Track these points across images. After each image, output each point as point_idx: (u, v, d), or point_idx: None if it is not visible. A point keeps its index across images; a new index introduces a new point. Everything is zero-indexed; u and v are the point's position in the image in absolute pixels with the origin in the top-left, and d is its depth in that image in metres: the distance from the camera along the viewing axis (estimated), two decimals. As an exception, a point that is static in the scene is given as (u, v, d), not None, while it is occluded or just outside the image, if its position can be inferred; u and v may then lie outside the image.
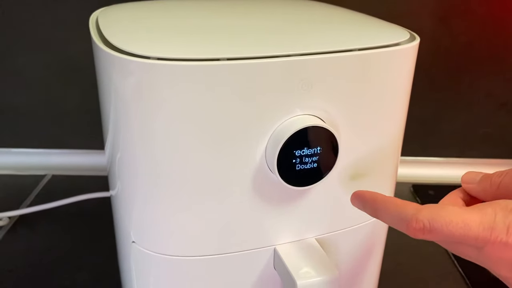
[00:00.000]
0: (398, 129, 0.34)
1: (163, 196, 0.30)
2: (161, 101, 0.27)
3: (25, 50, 0.65)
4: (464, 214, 0.23)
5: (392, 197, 0.27)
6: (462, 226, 0.22)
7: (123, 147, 0.30)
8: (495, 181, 0.26)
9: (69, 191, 0.62)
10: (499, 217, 0.22)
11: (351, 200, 0.30)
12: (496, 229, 0.22)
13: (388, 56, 0.30)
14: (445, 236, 0.23)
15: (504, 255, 0.22)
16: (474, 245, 0.23)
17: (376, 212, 0.27)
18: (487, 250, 0.22)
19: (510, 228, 0.21)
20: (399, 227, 0.25)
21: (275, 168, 0.29)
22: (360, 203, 0.29)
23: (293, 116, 0.29)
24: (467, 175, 0.28)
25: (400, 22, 0.36)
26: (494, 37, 0.65)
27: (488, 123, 0.71)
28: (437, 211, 0.23)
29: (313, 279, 0.30)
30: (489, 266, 0.24)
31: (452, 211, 0.23)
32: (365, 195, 0.29)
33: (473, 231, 0.22)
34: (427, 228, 0.23)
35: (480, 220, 0.22)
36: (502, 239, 0.22)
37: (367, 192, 0.29)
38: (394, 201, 0.26)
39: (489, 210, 0.22)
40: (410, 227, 0.24)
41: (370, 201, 0.28)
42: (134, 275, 0.35)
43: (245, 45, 0.29)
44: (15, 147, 0.72)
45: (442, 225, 0.23)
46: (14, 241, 0.56)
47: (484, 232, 0.22)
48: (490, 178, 0.27)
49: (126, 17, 0.36)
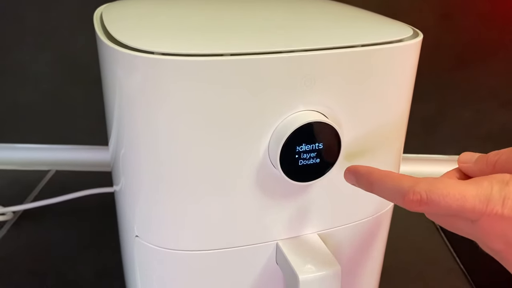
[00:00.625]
0: (401, 126, 0.34)
1: (166, 191, 0.30)
2: (165, 96, 0.27)
3: (29, 46, 0.65)
4: (461, 186, 0.22)
5: (387, 171, 0.26)
6: (459, 198, 0.22)
7: (127, 143, 0.31)
8: (491, 160, 0.26)
9: (72, 186, 0.62)
10: (495, 189, 0.22)
11: (345, 175, 0.30)
12: (492, 200, 0.22)
13: (391, 53, 0.31)
14: (442, 208, 0.23)
15: (499, 227, 0.22)
16: (470, 218, 0.23)
17: (371, 186, 0.27)
18: (482, 223, 0.22)
19: (506, 200, 0.21)
20: (396, 200, 0.25)
21: (278, 164, 0.29)
22: (354, 178, 0.29)
23: (296, 112, 0.29)
24: (463, 155, 0.28)
25: (403, 19, 0.36)
26: (497, 34, 0.65)
27: (491, 120, 0.71)
28: (435, 183, 0.23)
29: (315, 273, 0.31)
30: (482, 240, 0.23)
31: (449, 183, 0.23)
32: (359, 169, 0.28)
33: (470, 202, 0.22)
34: (424, 200, 0.23)
35: (477, 192, 0.22)
36: (497, 211, 0.22)
37: (361, 166, 0.29)
38: (390, 174, 0.26)
39: (485, 182, 0.22)
40: (407, 199, 0.24)
41: (366, 175, 0.27)
42: (137, 269, 0.35)
43: (249, 40, 0.29)
44: (20, 143, 0.72)
45: (439, 196, 0.23)
46: (18, 235, 0.56)
47: (480, 204, 0.22)
48: (486, 158, 0.26)
49: (131, 13, 0.36)
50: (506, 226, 0.22)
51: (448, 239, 0.58)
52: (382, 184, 0.26)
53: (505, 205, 0.21)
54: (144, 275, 0.35)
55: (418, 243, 0.57)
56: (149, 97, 0.27)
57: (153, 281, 0.35)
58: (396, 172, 0.26)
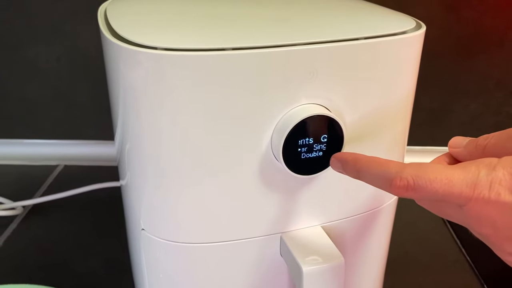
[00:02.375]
0: (405, 118, 0.34)
1: (171, 185, 0.30)
2: (168, 91, 0.27)
3: (37, 41, 0.66)
4: (448, 171, 0.22)
5: (374, 157, 0.26)
6: (446, 182, 0.22)
7: (131, 138, 0.31)
8: (480, 144, 0.26)
9: (80, 181, 0.63)
10: (482, 174, 0.21)
11: (331, 163, 0.29)
12: (479, 185, 0.21)
13: (394, 45, 0.30)
14: (429, 193, 0.22)
15: (486, 212, 0.22)
16: (457, 203, 0.22)
17: (358, 173, 0.27)
18: (470, 207, 0.22)
19: (492, 184, 0.21)
20: (383, 186, 0.24)
21: (281, 157, 0.29)
22: (340, 165, 0.28)
23: (298, 105, 0.29)
24: (453, 139, 0.28)
25: (409, 10, 0.36)
26: (504, 25, 0.64)
27: (498, 111, 0.70)
28: (422, 168, 0.23)
29: (319, 265, 0.31)
30: (471, 225, 0.23)
31: (436, 168, 0.23)
32: (346, 156, 0.28)
33: (457, 187, 0.22)
34: (411, 186, 0.23)
35: (464, 177, 0.22)
36: (484, 195, 0.21)
37: (347, 153, 0.28)
38: (377, 159, 0.25)
39: (473, 167, 0.22)
40: (394, 185, 0.23)
41: (352, 162, 0.27)
42: (144, 262, 0.36)
43: (251, 35, 0.29)
44: (28, 138, 0.73)
45: (426, 182, 0.22)
46: (28, 229, 0.57)
47: (467, 188, 0.22)
48: (476, 142, 0.26)
49: (134, 9, 0.36)
50: (493, 211, 0.21)
51: (454, 231, 0.58)
52: (369, 171, 0.26)
53: (492, 189, 0.21)
54: (151, 268, 0.36)
55: (424, 235, 0.57)
56: (153, 92, 0.28)
57: (159, 274, 0.35)
58: (382, 158, 0.25)
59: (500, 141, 0.25)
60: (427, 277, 0.51)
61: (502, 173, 0.21)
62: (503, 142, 0.25)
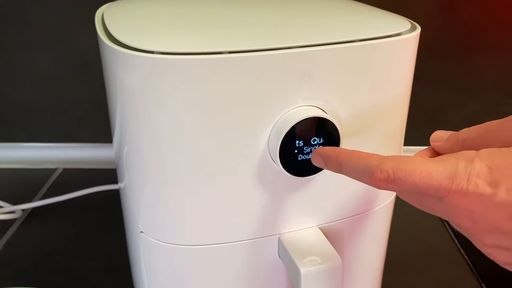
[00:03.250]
0: (401, 118, 0.35)
1: (170, 187, 0.31)
2: (165, 95, 0.28)
3: (36, 45, 0.66)
4: (427, 163, 0.23)
5: (355, 150, 0.26)
6: (425, 175, 0.22)
7: (130, 141, 0.31)
8: (461, 138, 0.26)
9: (79, 184, 0.63)
10: (460, 166, 0.22)
11: (312, 158, 0.29)
12: (457, 177, 0.22)
13: (389, 47, 0.31)
14: (409, 185, 0.23)
15: (465, 204, 0.22)
16: (436, 195, 0.23)
17: (340, 168, 0.27)
18: (449, 200, 0.22)
19: (470, 176, 0.21)
20: (364, 179, 0.25)
21: (278, 159, 0.29)
22: (322, 160, 0.28)
23: (295, 107, 0.29)
24: (435, 133, 0.28)
25: (406, 11, 0.36)
26: (501, 25, 0.65)
27: (495, 112, 0.70)
28: (401, 161, 0.23)
29: (316, 266, 0.31)
30: (451, 217, 0.24)
31: (416, 160, 0.23)
32: (327, 151, 0.28)
33: (436, 179, 0.22)
34: (391, 178, 0.23)
35: (443, 169, 0.22)
36: (463, 187, 0.22)
37: (328, 148, 0.28)
38: (358, 153, 0.26)
39: (452, 159, 0.22)
40: (374, 177, 0.24)
41: (333, 157, 0.27)
42: (143, 264, 0.36)
43: (247, 38, 0.29)
44: (27, 142, 0.73)
45: (406, 174, 0.23)
46: (28, 233, 0.57)
47: (446, 180, 0.22)
48: (457, 135, 0.26)
49: (131, 12, 0.36)
50: (471, 203, 0.22)
51: (452, 230, 0.58)
52: (350, 165, 0.26)
53: (470, 182, 0.21)
54: (150, 270, 0.36)
55: (422, 235, 0.58)
56: (150, 95, 0.28)
57: (158, 276, 0.35)
58: (364, 152, 0.26)
59: (480, 134, 0.25)
60: (425, 277, 0.51)
61: (479, 165, 0.21)
62: (482, 135, 0.25)
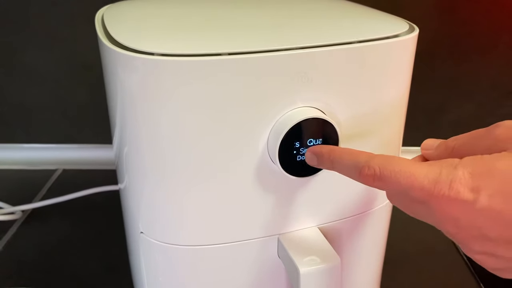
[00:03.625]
0: (399, 119, 0.35)
1: (169, 188, 0.31)
2: (165, 96, 0.28)
3: (35, 47, 0.66)
4: (413, 165, 0.23)
5: (347, 148, 0.27)
6: (409, 175, 0.23)
7: (129, 142, 0.31)
8: (449, 146, 0.27)
9: (79, 185, 0.63)
10: (444, 172, 0.22)
11: (306, 156, 0.30)
12: (440, 182, 0.22)
13: (387, 48, 0.31)
14: (393, 184, 0.24)
15: (448, 210, 0.22)
16: (419, 198, 0.23)
17: (332, 164, 0.28)
18: (433, 205, 0.23)
19: (452, 182, 0.22)
20: (353, 175, 0.26)
21: (277, 159, 0.29)
22: (316, 158, 0.29)
23: (294, 109, 0.29)
24: (426, 142, 0.29)
25: (404, 12, 0.36)
26: (499, 25, 0.65)
27: (494, 112, 0.71)
28: (389, 159, 0.24)
29: (316, 266, 0.31)
30: (438, 224, 0.24)
31: (403, 161, 0.24)
32: (321, 149, 0.29)
33: (418, 181, 0.23)
34: (377, 175, 0.24)
35: (426, 172, 0.23)
36: (444, 193, 0.22)
37: (322, 146, 0.29)
38: (350, 150, 0.27)
39: (436, 165, 0.23)
40: (362, 173, 0.25)
41: (327, 154, 0.28)
42: (143, 265, 0.36)
43: (246, 39, 0.30)
44: (27, 143, 0.73)
45: (391, 172, 0.24)
46: (28, 233, 0.57)
47: (428, 184, 0.22)
48: (446, 143, 0.27)
49: (131, 14, 0.37)
50: (455, 210, 0.22)
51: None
52: (341, 161, 0.27)
53: (452, 188, 0.22)
54: (150, 270, 0.36)
55: (422, 235, 0.58)
56: (150, 97, 0.28)
57: (158, 276, 0.35)
58: (355, 149, 0.27)
59: (466, 142, 0.26)
60: (424, 277, 0.51)
61: (462, 172, 0.22)
62: (469, 143, 0.26)
